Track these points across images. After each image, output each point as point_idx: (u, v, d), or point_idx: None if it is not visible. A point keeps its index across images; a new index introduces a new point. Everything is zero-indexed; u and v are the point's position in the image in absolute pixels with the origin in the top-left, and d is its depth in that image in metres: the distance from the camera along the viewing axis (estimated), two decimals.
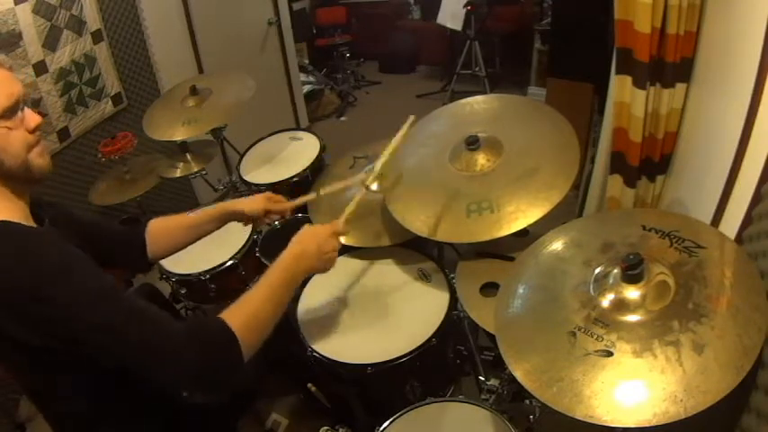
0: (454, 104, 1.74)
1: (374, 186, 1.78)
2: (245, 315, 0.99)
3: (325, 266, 1.20)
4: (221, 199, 2.53)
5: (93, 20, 2.31)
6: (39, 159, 0.94)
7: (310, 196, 1.46)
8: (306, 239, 1.18)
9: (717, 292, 0.92)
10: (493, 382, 1.50)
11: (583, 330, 0.96)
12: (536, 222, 1.32)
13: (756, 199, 1.05)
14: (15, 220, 0.88)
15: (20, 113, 0.91)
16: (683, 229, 1.05)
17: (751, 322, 0.85)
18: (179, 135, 2.00)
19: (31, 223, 0.93)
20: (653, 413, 0.80)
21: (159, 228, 1.30)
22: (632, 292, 0.96)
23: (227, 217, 1.36)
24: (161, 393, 1.07)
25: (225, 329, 0.94)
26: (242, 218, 1.38)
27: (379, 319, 1.49)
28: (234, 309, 0.99)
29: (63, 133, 2.25)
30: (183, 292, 1.89)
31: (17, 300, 0.81)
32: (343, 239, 1.66)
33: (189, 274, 1.83)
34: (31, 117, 0.93)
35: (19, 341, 0.84)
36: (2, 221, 0.86)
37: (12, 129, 0.89)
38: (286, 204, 1.42)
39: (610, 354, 0.90)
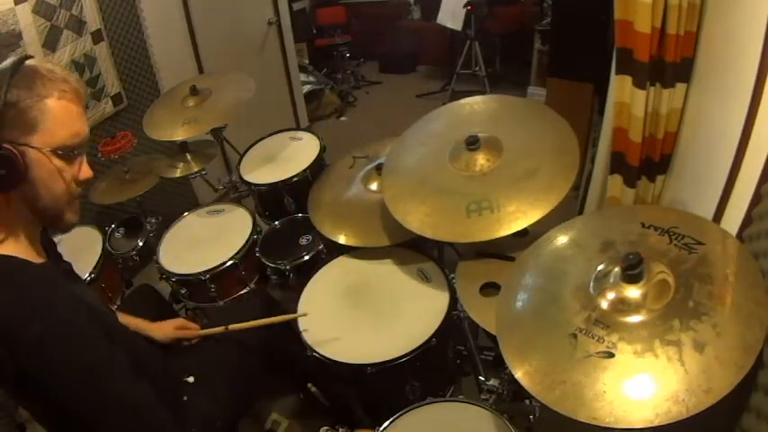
0: (454, 104, 1.74)
1: (374, 186, 1.79)
2: None
3: None
4: (221, 199, 2.53)
5: (93, 20, 2.30)
6: (72, 215, 0.90)
7: (219, 329, 1.42)
8: None
9: (718, 289, 0.91)
10: (493, 382, 1.50)
11: (584, 332, 0.96)
12: (536, 222, 1.32)
13: (756, 199, 1.05)
14: (20, 256, 0.83)
15: (78, 159, 0.87)
16: (683, 224, 1.05)
17: (752, 319, 0.85)
18: (179, 135, 1.99)
19: (36, 257, 0.88)
20: (655, 413, 0.80)
21: None
22: (632, 292, 0.96)
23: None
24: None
25: None
26: (153, 341, 1.38)
27: (378, 319, 1.50)
28: None
29: None
30: (183, 292, 1.88)
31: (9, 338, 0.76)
32: (343, 239, 1.68)
33: (189, 275, 1.82)
34: (86, 170, 0.88)
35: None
36: (5, 255, 0.81)
37: (63, 172, 0.84)
38: (195, 333, 1.41)
39: (611, 355, 0.90)
